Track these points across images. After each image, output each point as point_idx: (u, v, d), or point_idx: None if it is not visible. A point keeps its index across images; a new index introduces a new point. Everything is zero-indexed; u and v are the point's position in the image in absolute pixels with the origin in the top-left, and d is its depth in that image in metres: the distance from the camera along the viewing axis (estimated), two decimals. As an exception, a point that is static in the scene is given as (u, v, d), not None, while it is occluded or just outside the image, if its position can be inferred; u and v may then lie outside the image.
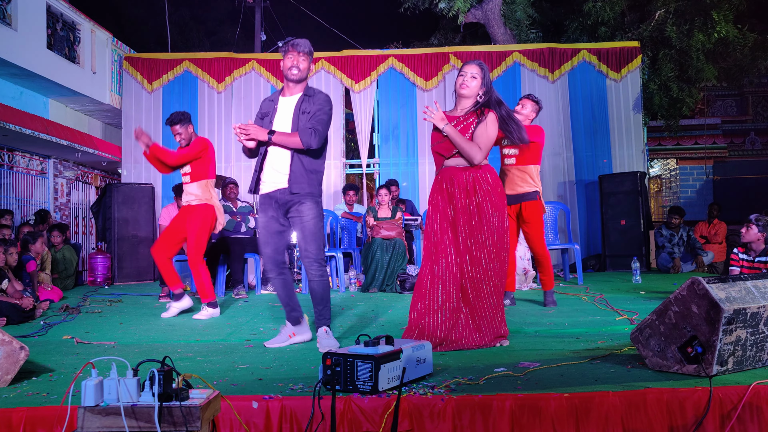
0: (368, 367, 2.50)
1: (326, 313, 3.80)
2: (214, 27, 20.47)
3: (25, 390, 2.80)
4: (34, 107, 9.23)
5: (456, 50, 9.29)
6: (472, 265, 3.59)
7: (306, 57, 3.77)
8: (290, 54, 3.75)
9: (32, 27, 8.42)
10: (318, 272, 3.75)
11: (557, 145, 9.00)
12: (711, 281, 2.69)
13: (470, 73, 3.66)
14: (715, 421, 2.44)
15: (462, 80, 3.67)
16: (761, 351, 2.84)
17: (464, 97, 3.69)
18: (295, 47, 3.74)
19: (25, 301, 5.08)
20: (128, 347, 3.90)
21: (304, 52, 3.75)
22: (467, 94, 3.67)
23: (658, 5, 9.82)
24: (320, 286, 3.77)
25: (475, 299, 3.60)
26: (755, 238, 5.18)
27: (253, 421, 2.44)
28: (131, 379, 1.99)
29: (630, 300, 5.32)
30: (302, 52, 3.75)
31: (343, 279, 6.72)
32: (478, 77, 3.65)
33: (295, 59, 3.74)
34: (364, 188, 10.68)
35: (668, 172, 14.87)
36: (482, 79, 3.66)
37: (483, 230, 3.59)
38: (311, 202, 3.74)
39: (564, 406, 2.43)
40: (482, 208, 3.59)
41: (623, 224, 8.22)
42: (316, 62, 9.13)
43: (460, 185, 3.62)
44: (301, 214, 3.72)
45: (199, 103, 9.07)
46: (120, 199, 8.18)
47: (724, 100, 14.86)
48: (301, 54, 3.75)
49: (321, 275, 3.76)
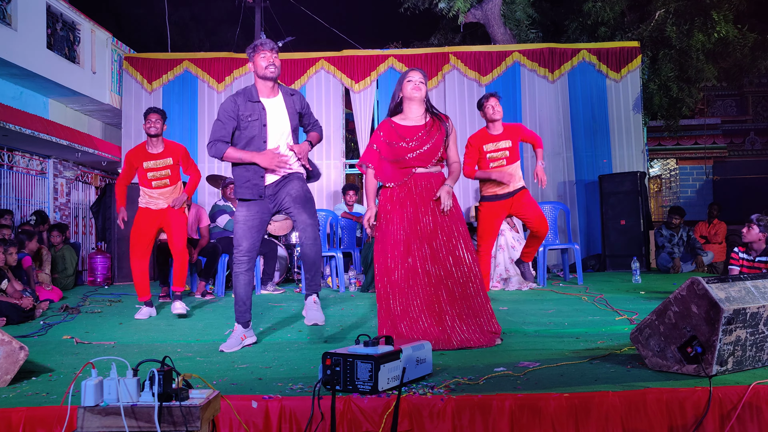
0: (368, 367, 2.50)
1: (317, 280, 3.89)
2: (214, 27, 20.44)
3: (25, 390, 2.80)
4: (34, 107, 9.23)
5: (456, 50, 9.29)
6: (456, 266, 3.65)
7: (277, 54, 3.82)
8: (262, 53, 3.76)
9: (32, 27, 8.42)
10: (312, 235, 3.80)
11: (557, 145, 9.00)
12: (711, 281, 2.69)
13: (418, 78, 3.78)
14: (714, 421, 2.44)
15: (413, 85, 3.77)
16: (761, 351, 2.84)
17: (415, 101, 3.79)
18: (264, 46, 3.77)
19: (25, 301, 5.08)
20: (128, 347, 3.90)
21: (275, 50, 3.80)
22: (420, 97, 3.79)
23: (658, 5, 9.82)
24: (312, 250, 3.82)
25: (463, 299, 3.63)
26: (756, 238, 5.18)
27: (252, 421, 2.44)
28: (131, 379, 1.99)
29: (630, 300, 5.32)
30: (273, 50, 3.79)
31: (343, 279, 6.71)
32: (425, 82, 3.80)
33: (269, 58, 3.76)
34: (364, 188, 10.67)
35: (668, 172, 14.87)
36: (426, 84, 3.82)
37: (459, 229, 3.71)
38: (298, 180, 3.86)
39: (564, 406, 2.43)
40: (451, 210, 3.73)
41: (623, 224, 8.22)
42: (316, 62, 9.14)
43: (430, 190, 3.73)
44: (290, 189, 3.80)
45: (199, 103, 9.07)
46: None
47: (724, 100, 14.86)
48: (272, 51, 3.78)
49: (315, 238, 3.81)
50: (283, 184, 3.82)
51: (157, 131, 5.15)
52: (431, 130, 3.76)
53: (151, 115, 5.14)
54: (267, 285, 6.83)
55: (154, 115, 5.14)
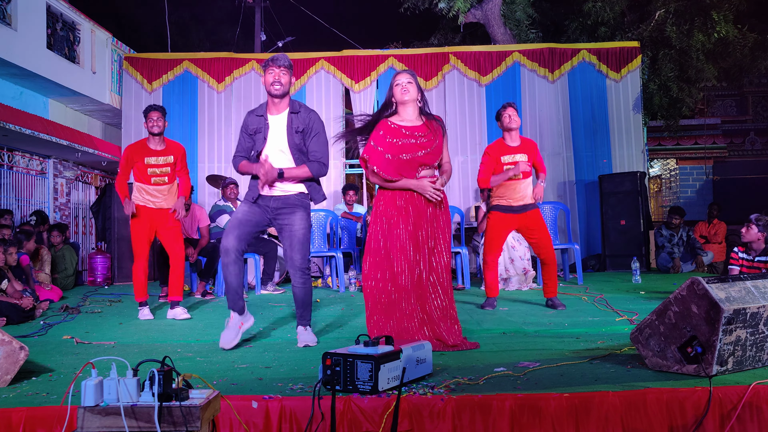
0: (368, 367, 2.50)
1: (307, 315, 3.92)
2: (214, 27, 20.45)
3: (25, 390, 2.80)
4: (34, 107, 9.23)
5: (456, 50, 9.29)
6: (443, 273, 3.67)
7: (286, 71, 3.80)
8: (270, 69, 3.77)
9: (32, 27, 8.42)
10: (301, 279, 3.83)
11: (557, 145, 9.00)
12: (711, 281, 2.69)
13: (405, 80, 3.72)
14: (714, 421, 2.44)
15: (401, 88, 3.72)
16: (761, 351, 2.84)
17: (406, 104, 3.74)
18: (274, 62, 3.77)
19: (25, 301, 5.08)
20: (128, 347, 3.90)
21: (284, 66, 3.78)
22: (409, 99, 3.72)
23: (658, 5, 9.83)
24: (302, 292, 3.87)
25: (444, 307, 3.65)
26: (755, 237, 5.18)
27: (252, 421, 2.44)
28: (131, 379, 1.99)
29: (630, 300, 5.33)
30: (282, 66, 3.77)
31: (343, 279, 6.72)
32: (413, 81, 3.73)
33: (276, 75, 3.76)
34: (364, 188, 10.68)
35: (668, 172, 14.87)
36: (416, 83, 3.75)
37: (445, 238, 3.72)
38: (303, 212, 3.84)
39: (564, 405, 2.43)
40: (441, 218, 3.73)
41: (623, 224, 8.22)
42: (316, 62, 9.14)
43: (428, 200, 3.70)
44: (293, 223, 3.80)
45: (199, 103, 9.07)
46: (120, 199, 8.15)
47: (724, 100, 14.86)
48: (281, 68, 3.77)
49: (304, 282, 3.85)
50: (287, 211, 3.80)
51: (160, 129, 5.09)
52: (434, 131, 3.73)
53: (152, 113, 5.07)
54: (267, 285, 6.83)
55: (155, 113, 5.07)
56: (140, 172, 5.13)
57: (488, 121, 8.94)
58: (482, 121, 9.02)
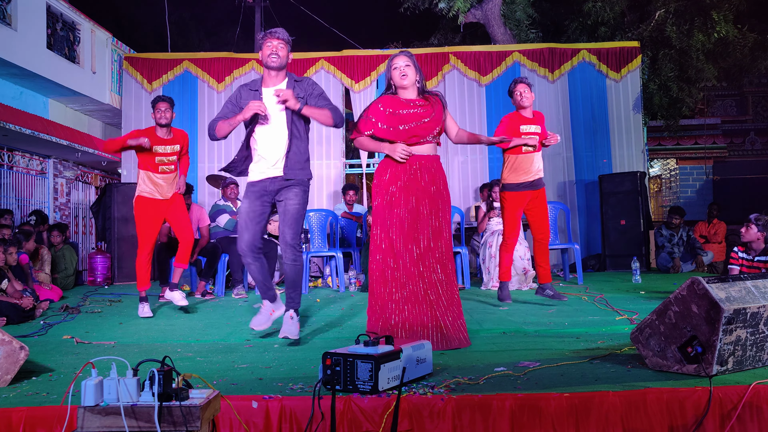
0: (368, 366, 2.50)
1: (296, 298, 3.92)
2: (214, 27, 20.44)
3: (25, 390, 2.80)
4: (34, 107, 9.23)
5: (456, 50, 9.29)
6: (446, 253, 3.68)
7: (284, 45, 3.79)
8: (268, 42, 3.77)
9: (32, 27, 8.42)
10: (292, 256, 3.84)
11: (557, 145, 8.95)
12: (711, 281, 2.69)
13: (403, 63, 3.70)
14: (715, 421, 2.44)
15: (399, 72, 3.69)
16: (761, 351, 2.84)
17: (406, 88, 3.73)
18: (272, 35, 3.77)
19: (25, 300, 5.08)
20: (128, 347, 3.90)
21: (282, 39, 3.78)
22: (409, 83, 3.71)
23: (658, 5, 9.82)
24: (292, 270, 3.87)
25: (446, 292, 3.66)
26: (755, 237, 5.18)
27: (252, 421, 2.44)
28: (131, 378, 1.99)
29: (630, 300, 5.33)
30: (280, 39, 3.77)
31: (343, 279, 6.71)
32: (411, 64, 3.71)
33: (273, 47, 3.76)
34: (364, 188, 10.67)
35: (668, 172, 14.87)
36: (414, 65, 3.72)
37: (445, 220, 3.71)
38: (300, 189, 3.84)
39: (564, 405, 2.43)
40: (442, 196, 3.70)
41: (623, 224, 8.22)
42: (316, 62, 9.14)
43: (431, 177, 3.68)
44: (288, 198, 3.82)
45: (199, 103, 9.07)
46: (120, 199, 8.15)
47: (724, 100, 14.85)
48: (279, 41, 3.77)
49: (294, 260, 3.85)
50: (285, 187, 3.82)
51: (168, 120, 5.11)
52: (432, 103, 3.73)
53: (160, 104, 5.09)
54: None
55: (163, 104, 5.09)
56: (147, 160, 5.13)
57: (488, 121, 8.94)
58: (482, 121, 9.01)
